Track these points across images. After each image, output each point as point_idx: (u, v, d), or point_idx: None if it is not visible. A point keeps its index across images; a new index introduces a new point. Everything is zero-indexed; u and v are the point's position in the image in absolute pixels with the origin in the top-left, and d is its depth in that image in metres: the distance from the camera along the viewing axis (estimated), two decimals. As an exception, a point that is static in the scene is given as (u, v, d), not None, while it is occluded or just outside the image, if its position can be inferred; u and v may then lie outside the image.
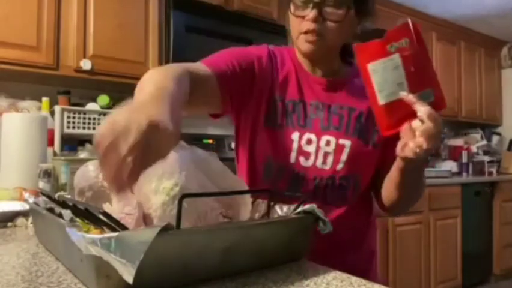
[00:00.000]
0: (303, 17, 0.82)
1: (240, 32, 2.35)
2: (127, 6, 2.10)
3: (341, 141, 0.86)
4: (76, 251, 0.47)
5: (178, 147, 0.66)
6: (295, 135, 0.87)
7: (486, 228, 3.50)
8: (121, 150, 0.44)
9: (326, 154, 0.86)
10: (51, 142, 1.80)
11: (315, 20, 0.80)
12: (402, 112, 0.67)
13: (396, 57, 0.69)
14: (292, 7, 0.84)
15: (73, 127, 1.93)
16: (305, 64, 0.91)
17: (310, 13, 0.80)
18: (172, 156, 0.59)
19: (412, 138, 0.66)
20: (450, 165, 3.82)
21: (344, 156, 0.86)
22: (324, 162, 0.86)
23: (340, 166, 0.86)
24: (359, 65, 0.72)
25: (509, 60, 4.43)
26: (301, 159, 0.87)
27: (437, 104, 0.66)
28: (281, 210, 0.70)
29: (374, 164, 0.91)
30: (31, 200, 0.81)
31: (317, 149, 0.87)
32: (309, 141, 0.87)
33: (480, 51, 4.19)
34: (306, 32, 0.82)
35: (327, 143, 0.86)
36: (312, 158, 0.87)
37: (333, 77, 0.90)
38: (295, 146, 0.87)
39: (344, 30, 0.84)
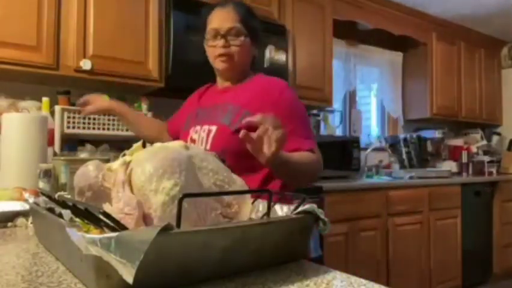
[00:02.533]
0: (215, 46, 1.16)
1: (240, 32, 2.35)
2: (127, 6, 2.10)
3: (211, 127, 1.14)
4: (76, 251, 0.47)
5: (178, 147, 0.66)
6: (192, 130, 1.20)
7: (486, 228, 3.50)
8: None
9: (201, 138, 1.14)
10: (51, 142, 1.80)
11: (224, 46, 1.15)
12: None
13: None
14: (206, 40, 1.18)
15: (73, 127, 1.93)
16: (219, 82, 1.27)
17: (219, 42, 1.15)
18: (172, 156, 0.59)
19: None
20: (450, 165, 3.83)
21: (210, 138, 1.12)
22: (201, 144, 1.14)
23: (208, 146, 1.11)
24: None
25: (509, 60, 4.44)
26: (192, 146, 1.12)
27: None
28: (281, 210, 0.70)
29: (237, 146, 0.97)
30: (31, 200, 0.81)
31: (199, 135, 1.16)
32: (196, 131, 1.18)
33: (480, 51, 4.19)
34: (219, 55, 1.16)
35: (203, 130, 1.15)
36: (197, 143, 1.15)
37: (228, 85, 1.23)
38: (189, 136, 1.19)
39: (245, 51, 1.18)
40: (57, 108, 1.91)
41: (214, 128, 1.13)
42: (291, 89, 1.18)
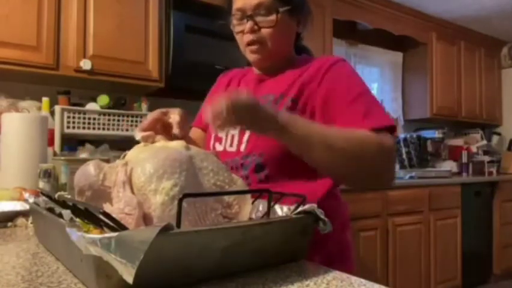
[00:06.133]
0: (243, 31, 0.92)
1: (240, 32, 2.35)
2: (127, 6, 2.10)
3: None
4: (76, 251, 0.47)
5: (179, 147, 0.66)
6: None
7: (486, 228, 3.50)
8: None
9: (232, 137, 0.94)
10: (51, 142, 1.80)
11: (252, 31, 0.90)
12: None
13: None
14: (233, 25, 0.94)
15: (73, 127, 1.93)
16: (255, 70, 1.02)
17: (247, 25, 0.90)
18: (173, 157, 0.59)
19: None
20: (450, 165, 3.83)
21: (245, 137, 0.92)
22: (231, 145, 0.94)
23: (243, 146, 0.92)
24: None
25: (509, 60, 4.43)
26: (216, 144, 0.99)
27: None
28: (281, 210, 0.70)
29: (281, 146, 0.84)
30: (31, 200, 0.81)
31: (227, 133, 0.96)
32: None
33: (480, 51, 4.19)
34: (248, 44, 0.92)
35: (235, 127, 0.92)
36: (223, 142, 0.96)
37: (266, 73, 0.99)
38: (214, 133, 0.99)
39: (282, 32, 0.92)
40: (57, 108, 1.92)
41: None
42: (343, 61, 0.92)
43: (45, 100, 1.90)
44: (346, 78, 0.88)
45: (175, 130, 0.73)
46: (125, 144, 1.87)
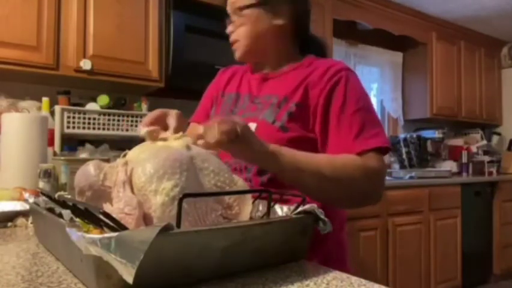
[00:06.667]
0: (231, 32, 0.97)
1: (240, 32, 2.35)
2: (127, 6, 2.10)
3: (249, 124, 0.87)
4: (76, 251, 0.47)
5: (180, 147, 0.66)
6: None
7: (486, 228, 3.50)
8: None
9: None
10: (51, 142, 1.80)
11: (230, 31, 0.96)
12: None
13: None
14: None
15: (73, 127, 1.93)
16: (251, 67, 1.04)
17: (229, 27, 0.96)
18: (174, 157, 0.59)
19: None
20: (450, 165, 3.83)
21: None
22: None
23: None
24: None
25: (509, 60, 4.43)
26: None
27: None
28: (281, 210, 0.70)
29: (284, 145, 0.83)
30: (31, 200, 0.81)
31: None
32: None
33: (480, 51, 4.19)
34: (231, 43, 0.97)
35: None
36: None
37: (268, 72, 0.99)
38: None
39: (253, 28, 0.93)
40: (57, 108, 1.92)
41: (252, 127, 0.89)
42: (349, 73, 0.90)
43: (45, 100, 1.90)
44: (346, 92, 0.87)
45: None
46: (125, 144, 1.87)
